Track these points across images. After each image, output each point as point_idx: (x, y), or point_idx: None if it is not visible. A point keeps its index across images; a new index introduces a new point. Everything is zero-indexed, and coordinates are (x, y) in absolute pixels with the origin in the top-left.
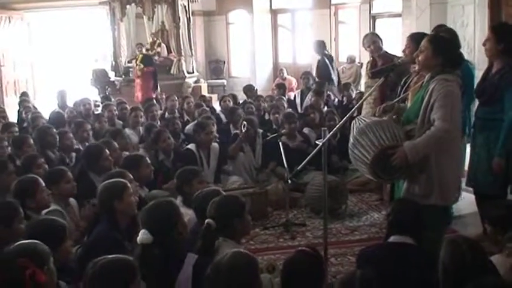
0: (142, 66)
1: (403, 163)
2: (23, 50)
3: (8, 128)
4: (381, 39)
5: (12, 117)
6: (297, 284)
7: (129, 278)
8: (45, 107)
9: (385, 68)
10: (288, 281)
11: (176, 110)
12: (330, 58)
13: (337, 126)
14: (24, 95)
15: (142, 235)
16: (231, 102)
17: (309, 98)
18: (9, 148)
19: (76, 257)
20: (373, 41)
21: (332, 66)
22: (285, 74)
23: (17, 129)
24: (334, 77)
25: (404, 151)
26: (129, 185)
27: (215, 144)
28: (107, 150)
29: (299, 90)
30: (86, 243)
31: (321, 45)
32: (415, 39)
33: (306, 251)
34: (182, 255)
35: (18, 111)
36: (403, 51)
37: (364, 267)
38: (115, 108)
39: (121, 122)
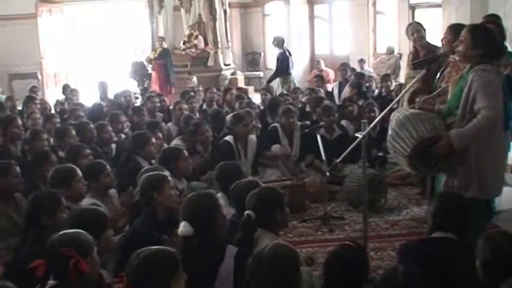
0: (152, 59)
1: (447, 152)
2: (62, 42)
3: (50, 119)
4: (424, 29)
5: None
6: (340, 278)
7: (172, 269)
8: (86, 99)
9: (427, 59)
10: (330, 274)
11: (214, 102)
12: (289, 53)
13: (377, 118)
14: (66, 87)
15: (183, 227)
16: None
17: (347, 90)
18: (52, 140)
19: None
20: (417, 29)
21: (291, 61)
22: (322, 66)
23: (58, 120)
24: (292, 71)
25: (450, 140)
26: (169, 178)
27: (252, 136)
28: (153, 138)
29: (337, 82)
30: (126, 235)
31: (282, 41)
32: (454, 29)
33: (349, 245)
34: (222, 247)
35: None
36: (441, 40)
37: (406, 262)
38: (157, 100)
39: (161, 115)
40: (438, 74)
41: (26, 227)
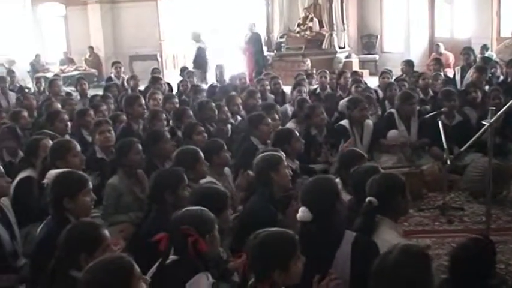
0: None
1: None
2: (181, 25)
3: (169, 99)
4: None
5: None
6: (467, 271)
7: (290, 251)
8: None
9: None
10: (457, 267)
11: (328, 86)
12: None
13: (506, 106)
14: (184, 69)
15: (302, 212)
16: (391, 79)
17: (470, 75)
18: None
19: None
20: None
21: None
22: (442, 49)
23: (176, 100)
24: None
25: None
26: (284, 157)
27: (369, 121)
28: (267, 118)
29: (459, 67)
30: (242, 213)
31: (198, 36)
32: None
33: (480, 239)
34: (340, 233)
35: (178, 84)
36: None
37: None
38: (267, 83)
39: (273, 97)
40: None
41: (149, 203)
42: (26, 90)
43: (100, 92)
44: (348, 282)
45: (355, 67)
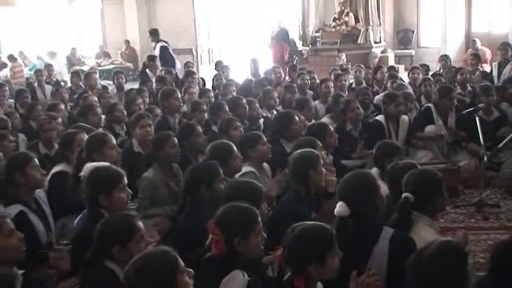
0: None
1: None
2: (215, 20)
3: (205, 94)
4: None
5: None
6: (508, 269)
7: (327, 245)
8: (237, 76)
9: None
10: (497, 265)
11: (363, 80)
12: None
13: None
14: (218, 64)
15: (340, 208)
16: (420, 75)
17: (508, 71)
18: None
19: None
20: None
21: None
22: (478, 45)
23: (212, 94)
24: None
25: None
26: (320, 155)
27: (405, 117)
28: (296, 117)
29: (496, 62)
30: (274, 211)
31: (156, 33)
32: None
33: None
34: (378, 229)
35: (212, 78)
36: None
37: None
38: (307, 77)
39: (311, 92)
40: None
41: (184, 196)
42: (62, 84)
43: (136, 85)
44: (384, 278)
45: (391, 62)
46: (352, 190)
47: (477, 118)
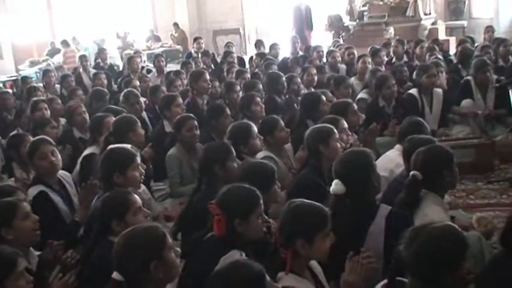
0: None
1: None
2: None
3: (241, 75)
4: None
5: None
6: None
7: (318, 224)
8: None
9: None
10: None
11: (404, 55)
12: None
13: None
14: (258, 43)
15: (335, 185)
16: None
17: None
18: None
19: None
20: None
21: None
22: None
23: (248, 75)
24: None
25: None
26: (335, 130)
27: (439, 89)
28: (324, 97)
29: None
30: (290, 187)
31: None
32: None
33: None
34: (375, 207)
35: (251, 57)
36: None
37: None
38: (338, 55)
39: (344, 67)
40: None
41: (200, 177)
42: (115, 68)
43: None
44: (381, 256)
45: (441, 35)
46: (347, 168)
47: (511, 92)
